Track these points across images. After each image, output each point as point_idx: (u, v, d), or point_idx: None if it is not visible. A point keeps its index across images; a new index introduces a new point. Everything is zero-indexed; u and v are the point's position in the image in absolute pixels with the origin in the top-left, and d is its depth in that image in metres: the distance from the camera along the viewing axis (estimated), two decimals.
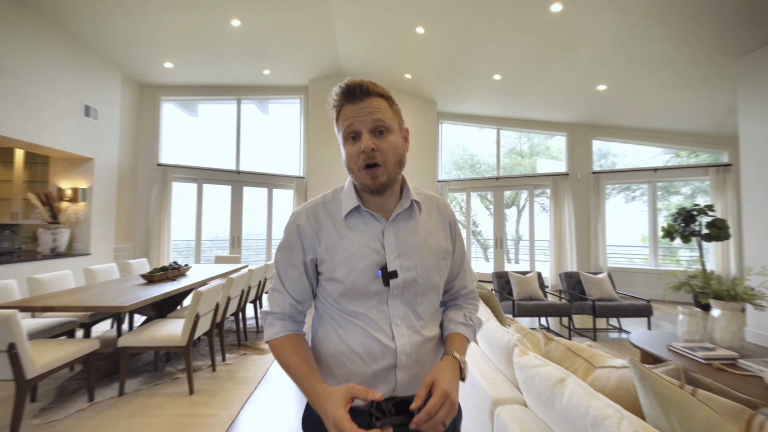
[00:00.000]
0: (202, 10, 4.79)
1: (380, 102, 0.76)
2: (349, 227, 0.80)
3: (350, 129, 0.76)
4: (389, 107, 0.78)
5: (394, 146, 0.76)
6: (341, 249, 0.79)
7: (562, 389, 1.01)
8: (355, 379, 0.75)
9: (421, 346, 0.78)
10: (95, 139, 5.24)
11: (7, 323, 1.90)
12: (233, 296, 3.46)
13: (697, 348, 2.39)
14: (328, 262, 0.79)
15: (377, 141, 0.75)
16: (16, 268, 4.00)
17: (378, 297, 0.78)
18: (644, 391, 0.96)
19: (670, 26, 4.13)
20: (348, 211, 0.80)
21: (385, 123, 0.75)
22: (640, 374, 0.98)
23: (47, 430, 2.10)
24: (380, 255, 0.78)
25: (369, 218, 0.81)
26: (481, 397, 1.38)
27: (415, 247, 0.80)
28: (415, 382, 0.77)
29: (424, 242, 0.82)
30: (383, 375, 0.76)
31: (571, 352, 1.39)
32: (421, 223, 0.83)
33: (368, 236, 0.79)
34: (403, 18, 5.12)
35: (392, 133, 0.77)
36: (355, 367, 0.76)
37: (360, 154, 0.75)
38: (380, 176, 0.75)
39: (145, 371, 3.00)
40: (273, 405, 2.52)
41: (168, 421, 2.22)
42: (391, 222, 0.81)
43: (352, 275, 0.77)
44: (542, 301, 4.11)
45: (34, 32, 4.27)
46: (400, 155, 0.78)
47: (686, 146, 6.91)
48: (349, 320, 0.79)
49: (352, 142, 0.77)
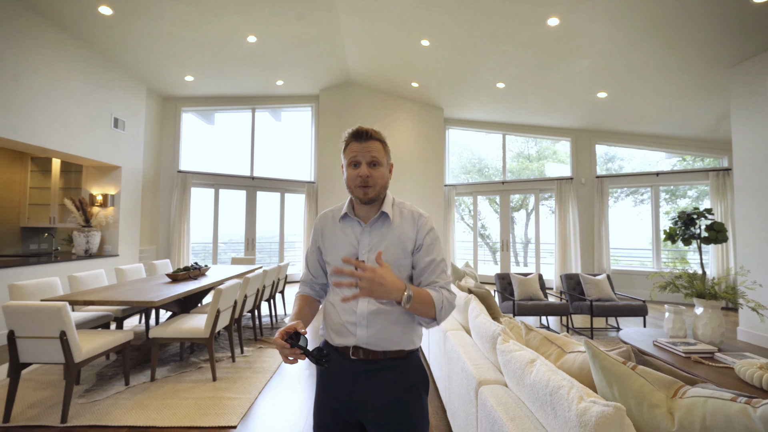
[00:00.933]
0: (220, 28, 5.16)
1: (377, 144, 1.11)
2: (340, 228, 1.17)
3: (354, 159, 1.11)
4: (382, 148, 1.13)
5: (381, 175, 1.12)
6: (332, 242, 1.17)
7: (532, 368, 1.23)
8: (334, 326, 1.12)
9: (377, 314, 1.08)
10: (123, 149, 5.64)
11: (59, 314, 2.21)
12: (249, 294, 3.75)
13: (680, 343, 2.57)
14: (324, 250, 1.19)
15: (371, 171, 1.09)
16: (54, 268, 4.39)
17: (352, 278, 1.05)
18: (594, 366, 1.15)
19: (663, 38, 4.31)
20: (341, 216, 1.18)
21: (378, 159, 1.10)
22: (592, 353, 1.17)
23: (92, 408, 2.41)
24: (355, 248, 1.13)
25: (353, 222, 1.16)
26: (468, 379, 1.61)
27: (382, 246, 1.11)
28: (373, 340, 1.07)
29: (392, 242, 1.11)
30: (350, 328, 1.09)
31: (547, 340, 1.61)
32: (394, 229, 1.13)
33: (349, 235, 1.15)
34: (409, 31, 5.40)
35: (381, 167, 1.12)
36: (335, 318, 1.12)
37: (358, 177, 1.09)
38: (370, 193, 1.10)
39: (173, 361, 3.30)
40: (287, 391, 2.79)
41: (195, 403, 2.50)
42: (369, 225, 1.14)
43: (336, 260, 1.14)
44: (541, 302, 4.30)
45: (69, 53, 4.69)
46: (384, 182, 1.13)
47: (687, 151, 6.99)
48: (333, 289, 1.17)
49: (354, 168, 1.11)
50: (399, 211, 1.17)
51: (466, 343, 1.97)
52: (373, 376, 1.07)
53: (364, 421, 1.08)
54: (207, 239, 7.58)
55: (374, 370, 1.08)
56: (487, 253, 11.64)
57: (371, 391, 1.07)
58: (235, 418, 2.32)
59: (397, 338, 1.09)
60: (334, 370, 1.10)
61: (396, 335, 1.09)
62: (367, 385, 1.07)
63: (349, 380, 1.09)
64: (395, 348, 1.09)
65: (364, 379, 1.08)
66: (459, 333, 2.16)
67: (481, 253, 8.92)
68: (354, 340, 1.08)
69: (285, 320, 4.88)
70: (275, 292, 4.83)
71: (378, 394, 1.07)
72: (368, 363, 1.08)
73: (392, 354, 1.09)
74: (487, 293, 2.73)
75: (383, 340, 1.08)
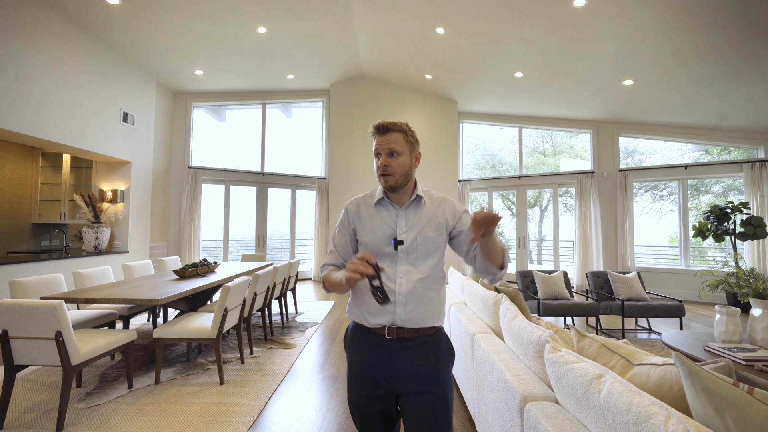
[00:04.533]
0: (230, 20, 5.00)
1: (395, 136, 1.19)
2: (376, 211, 1.26)
3: (376, 151, 1.22)
4: (403, 138, 1.20)
5: (401, 165, 1.19)
6: (369, 224, 1.24)
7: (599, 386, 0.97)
8: (370, 309, 1.18)
9: (416, 293, 1.16)
10: (132, 144, 5.54)
11: (55, 313, 2.05)
12: (259, 292, 3.58)
13: (737, 349, 2.28)
14: (361, 231, 1.25)
15: (390, 160, 1.18)
16: (64, 264, 4.30)
17: (390, 257, 1.19)
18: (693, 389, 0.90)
19: (702, 17, 3.97)
20: (376, 201, 1.26)
21: (396, 149, 1.18)
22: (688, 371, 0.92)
23: (91, 414, 2.25)
24: (393, 230, 1.21)
25: (389, 206, 1.25)
26: (509, 393, 1.38)
27: (418, 227, 1.20)
28: (410, 317, 1.15)
29: (426, 223, 1.21)
30: (387, 307, 1.16)
31: (606, 348, 1.35)
32: (426, 212, 1.23)
33: (386, 217, 1.23)
34: (423, 19, 5.16)
35: (401, 156, 1.19)
36: (371, 300, 1.17)
37: (379, 167, 1.20)
38: (389, 181, 1.19)
39: (179, 362, 3.15)
40: (299, 396, 2.59)
41: (201, 409, 2.33)
42: (404, 209, 1.23)
43: (375, 239, 1.21)
44: (568, 301, 4.02)
45: (77, 44, 4.59)
46: (405, 170, 1.20)
47: (718, 142, 6.57)
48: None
49: (377, 159, 1.22)
50: (428, 196, 1.28)
51: (500, 348, 1.74)
52: (409, 352, 1.16)
53: (399, 393, 1.16)
54: (218, 236, 7.48)
55: (410, 347, 1.16)
56: None
57: (409, 367, 1.15)
58: (243, 427, 2.13)
59: (429, 315, 1.18)
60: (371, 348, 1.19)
61: (428, 313, 1.18)
62: (403, 361, 1.15)
63: (386, 358, 1.16)
64: (427, 325, 1.18)
65: (401, 356, 1.16)
66: (489, 336, 1.93)
67: None
68: (391, 318, 1.16)
69: (296, 319, 4.71)
70: (286, 290, 4.67)
71: (415, 369, 1.15)
72: (404, 341, 1.17)
73: (424, 331, 1.18)
74: (516, 292, 2.49)
75: (418, 317, 1.17)
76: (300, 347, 3.62)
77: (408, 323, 1.16)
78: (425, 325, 1.17)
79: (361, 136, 7.83)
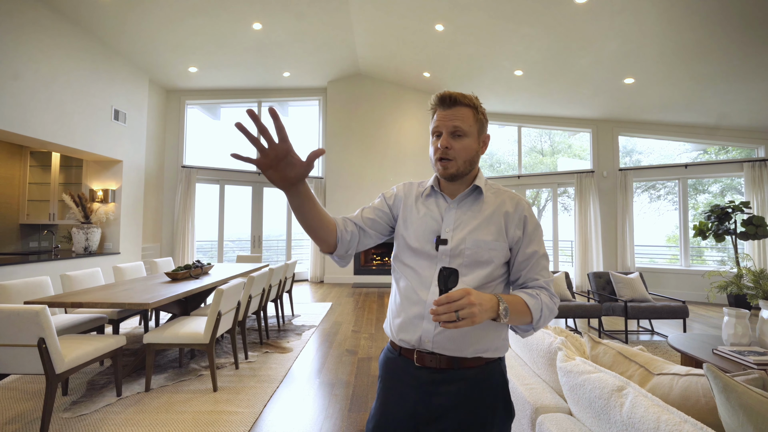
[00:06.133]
0: (225, 16, 4.88)
1: (464, 111, 0.93)
2: (423, 202, 1.02)
3: (436, 129, 0.95)
4: (472, 116, 0.94)
5: (466, 148, 0.94)
6: (412, 215, 1.02)
7: (621, 399, 0.90)
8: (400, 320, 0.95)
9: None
10: (124, 142, 5.41)
11: (37, 318, 1.93)
12: (254, 295, 3.48)
13: (747, 352, 2.21)
14: (402, 222, 1.03)
15: (453, 142, 0.93)
16: (53, 266, 4.17)
17: (429, 259, 0.94)
18: (728, 404, 0.82)
19: (705, 13, 3.91)
20: (427, 191, 1.03)
21: (462, 129, 0.92)
22: (723, 385, 0.83)
23: (76, 424, 2.14)
24: (438, 225, 0.96)
25: (439, 198, 1.01)
26: (519, 403, 1.30)
27: (471, 225, 0.94)
28: (439, 338, 0.88)
29: (482, 223, 0.94)
30: (415, 322, 0.91)
31: (622, 356, 1.25)
32: (485, 208, 0.96)
33: (433, 209, 1.00)
34: (422, 15, 5.07)
35: (467, 138, 0.94)
36: (400, 309, 0.96)
37: (437, 150, 0.94)
38: (450, 168, 0.94)
39: (171, 367, 3.04)
40: (295, 404, 2.50)
41: (192, 418, 2.22)
42: (456, 203, 0.98)
43: (415, 235, 0.98)
44: (571, 302, 3.95)
45: (66, 40, 4.46)
46: (470, 156, 0.95)
47: (717, 141, 6.54)
48: (402, 272, 0.99)
49: (436, 138, 0.96)
50: (493, 189, 1.01)
51: (508, 355, 1.66)
52: (440, 388, 0.89)
53: None
54: (213, 237, 7.35)
55: (441, 381, 0.89)
56: None
57: (438, 408, 0.89)
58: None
59: (473, 340, 0.89)
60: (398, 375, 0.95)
61: (470, 336, 0.88)
62: (432, 399, 0.89)
63: (412, 391, 0.91)
64: (469, 355, 0.89)
65: (429, 392, 0.90)
66: None
67: None
68: (418, 336, 0.90)
69: (293, 322, 4.61)
70: (282, 292, 4.56)
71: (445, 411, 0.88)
72: (435, 372, 0.90)
73: (467, 363, 0.89)
74: None
75: (453, 340, 0.88)
76: (297, 351, 3.52)
77: (439, 347, 0.88)
78: (465, 354, 0.88)
79: (358, 134, 7.73)
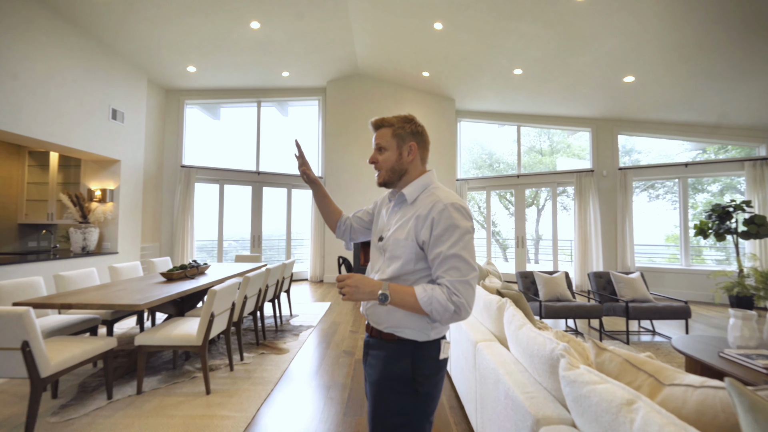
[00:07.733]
0: (223, 14, 4.85)
1: (384, 131, 1.18)
2: (384, 207, 1.28)
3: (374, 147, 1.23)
4: (389, 133, 1.17)
5: (387, 159, 1.17)
6: (377, 216, 1.31)
7: (631, 414, 0.84)
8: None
9: None
10: (122, 142, 5.37)
11: (21, 321, 1.86)
12: (250, 295, 3.43)
13: (755, 356, 2.15)
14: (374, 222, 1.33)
15: (378, 156, 1.19)
16: (50, 266, 4.13)
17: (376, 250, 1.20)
18: (757, 425, 0.74)
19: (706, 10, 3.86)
20: (386, 198, 1.29)
21: (382, 145, 1.18)
22: (750, 403, 0.76)
23: (63, 429, 2.09)
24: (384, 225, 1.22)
25: (390, 203, 1.24)
26: (518, 412, 1.24)
27: (395, 226, 1.14)
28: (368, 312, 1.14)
29: (402, 224, 1.12)
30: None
31: (630, 364, 1.17)
32: (406, 211, 1.14)
33: (383, 214, 1.26)
34: (421, 14, 5.02)
35: (387, 151, 1.17)
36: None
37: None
38: (379, 177, 1.20)
39: (164, 369, 2.99)
40: (290, 407, 2.44)
41: (183, 422, 2.17)
42: (394, 205, 1.21)
43: (374, 232, 1.29)
44: (571, 302, 3.90)
45: (63, 39, 4.43)
46: (390, 165, 1.17)
47: (718, 140, 6.47)
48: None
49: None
50: (428, 193, 1.14)
51: (506, 360, 1.60)
52: (371, 351, 1.14)
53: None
54: (212, 236, 7.31)
55: (372, 346, 1.14)
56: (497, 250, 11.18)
57: (367, 366, 1.15)
58: None
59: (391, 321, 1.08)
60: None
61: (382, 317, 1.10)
62: (367, 359, 1.15)
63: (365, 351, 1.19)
64: (384, 330, 1.10)
65: (367, 353, 1.16)
66: (494, 345, 1.79)
67: (492, 251, 8.50)
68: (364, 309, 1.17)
69: (291, 322, 4.55)
70: (280, 292, 4.51)
71: (370, 370, 1.12)
72: (370, 338, 1.16)
73: (384, 335, 1.11)
74: (519, 295, 2.35)
75: (376, 316, 1.12)
76: (293, 352, 3.47)
77: (370, 319, 1.14)
78: (380, 327, 1.11)
79: (357, 134, 7.69)
